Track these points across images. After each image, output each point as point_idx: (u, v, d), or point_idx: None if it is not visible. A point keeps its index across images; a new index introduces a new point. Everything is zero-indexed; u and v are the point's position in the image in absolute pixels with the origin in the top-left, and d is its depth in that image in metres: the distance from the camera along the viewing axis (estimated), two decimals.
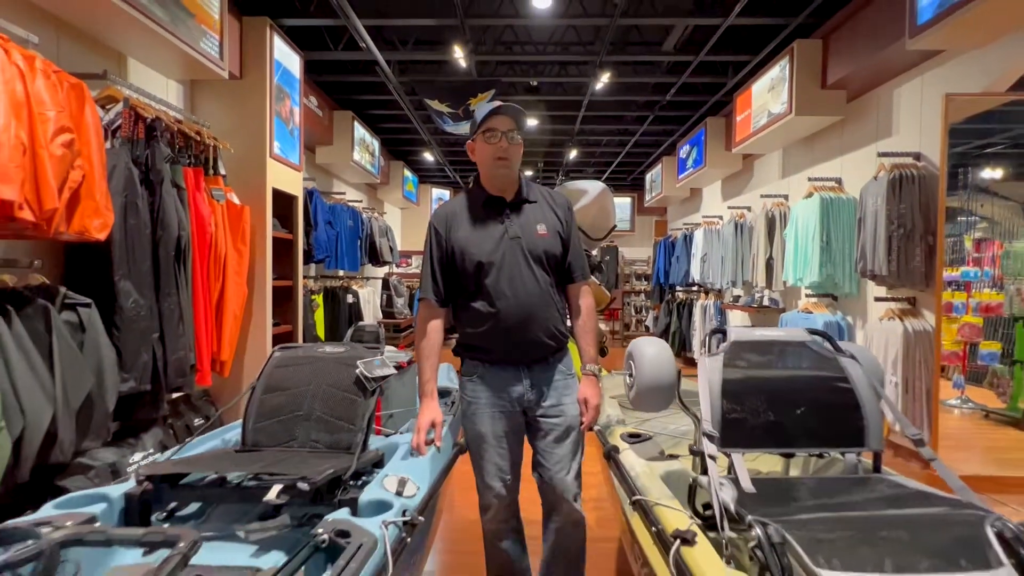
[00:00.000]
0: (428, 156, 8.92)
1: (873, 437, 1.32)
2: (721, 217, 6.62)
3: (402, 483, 1.31)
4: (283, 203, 4.38)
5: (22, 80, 2.14)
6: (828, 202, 4.19)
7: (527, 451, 1.76)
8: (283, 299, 4.46)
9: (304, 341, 4.88)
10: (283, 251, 4.41)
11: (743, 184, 6.47)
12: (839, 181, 4.37)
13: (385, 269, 8.39)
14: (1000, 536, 0.99)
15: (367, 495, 1.25)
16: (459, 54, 4.41)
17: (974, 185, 6.49)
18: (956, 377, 5.55)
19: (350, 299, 6.60)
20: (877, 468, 1.35)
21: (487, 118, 1.69)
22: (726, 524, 1.07)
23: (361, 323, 6.82)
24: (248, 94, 3.97)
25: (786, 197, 5.19)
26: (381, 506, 1.21)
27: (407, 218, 10.86)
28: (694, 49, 4.85)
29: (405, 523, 1.15)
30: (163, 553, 0.86)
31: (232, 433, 1.79)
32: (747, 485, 1.18)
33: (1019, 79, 3.10)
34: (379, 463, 1.54)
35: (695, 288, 7.30)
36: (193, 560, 1.16)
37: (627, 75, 5.56)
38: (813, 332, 1.48)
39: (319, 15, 4.25)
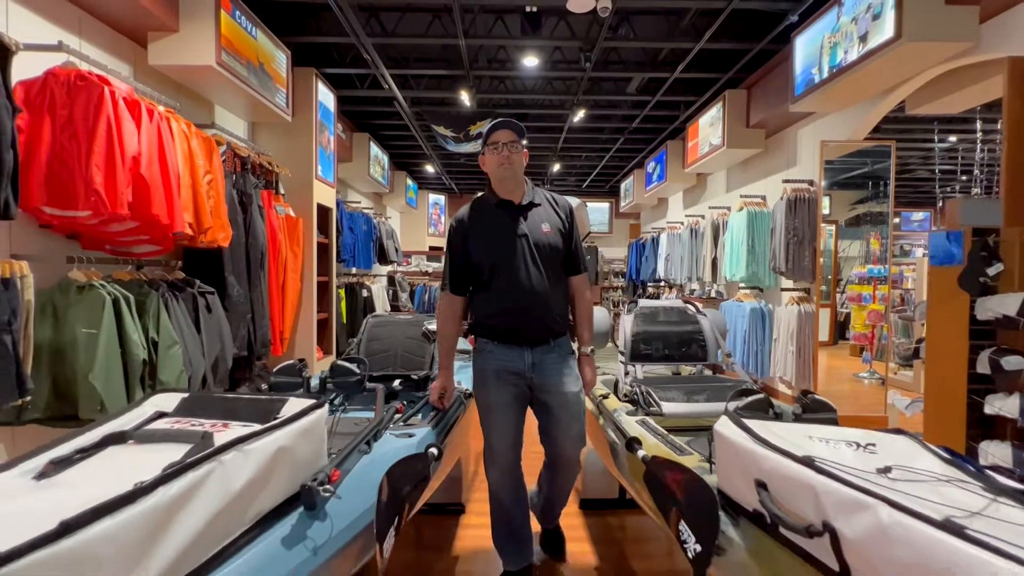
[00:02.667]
0: (429, 168, 10.01)
1: (711, 356, 2.47)
2: (682, 223, 7.80)
3: (458, 383, 2.42)
4: (321, 214, 5.44)
5: (186, 140, 3.21)
6: (754, 215, 5.38)
7: (531, 423, 2.02)
8: (321, 292, 5.52)
9: (335, 328, 5.94)
10: (321, 253, 5.47)
11: (699, 196, 7.67)
12: (764, 198, 5.56)
13: (390, 267, 9.42)
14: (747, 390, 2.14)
15: None
16: (464, 96, 5.52)
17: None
18: (865, 354, 6.81)
19: (364, 293, 7.66)
20: (714, 372, 2.51)
21: (490, 133, 1.95)
22: (627, 389, 2.22)
23: (375, 313, 7.86)
24: (298, 130, 5.03)
25: (728, 208, 6.38)
26: None
27: (406, 221, 11.90)
28: (654, 87, 6.01)
29: (467, 395, 2.27)
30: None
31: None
32: (640, 376, 2.32)
33: (872, 129, 4.32)
34: None
35: (661, 283, 8.48)
36: (350, 415, 2.24)
37: (601, 107, 6.72)
38: (686, 302, 2.62)
39: (353, 66, 5.33)
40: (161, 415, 1.06)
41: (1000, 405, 2.53)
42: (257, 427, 1.01)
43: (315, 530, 1.02)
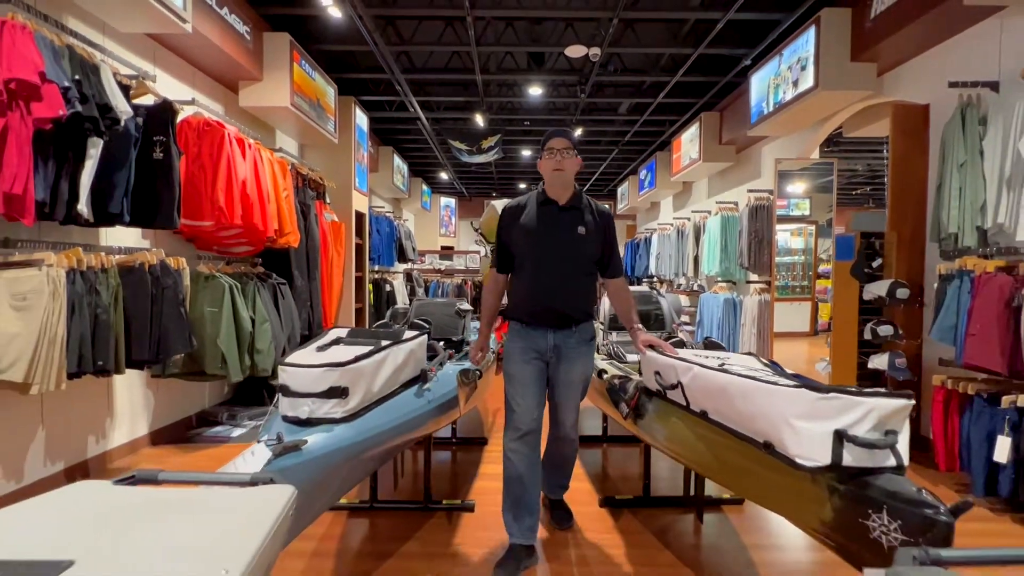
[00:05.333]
0: (443, 175, 10.97)
1: (667, 326, 3.41)
2: (671, 225, 8.71)
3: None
4: (358, 219, 6.39)
5: (271, 165, 4.17)
6: (727, 219, 6.29)
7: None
8: (358, 286, 6.48)
9: (368, 316, 6.90)
10: (357, 253, 6.43)
11: (685, 200, 8.59)
12: (736, 204, 6.47)
13: (407, 265, 10.36)
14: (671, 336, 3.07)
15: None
16: (478, 118, 6.47)
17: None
18: (829, 342, 7.72)
19: (388, 288, 8.61)
20: (669, 335, 3.45)
21: (547, 140, 2.10)
22: (605, 349, 3.16)
23: (396, 306, 8.82)
24: (341, 149, 5.97)
25: (709, 212, 7.29)
26: None
27: (419, 222, 12.84)
28: (641, 108, 6.93)
29: (496, 355, 3.20)
30: None
31: None
32: (616, 340, 3.26)
33: (833, 144, 5.23)
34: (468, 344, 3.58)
35: (653, 279, 9.40)
36: None
37: (597, 124, 7.65)
38: (651, 287, 3.56)
39: (385, 93, 6.29)
40: (339, 339, 2.00)
41: (878, 362, 3.48)
42: (393, 342, 1.96)
43: (427, 393, 1.97)
